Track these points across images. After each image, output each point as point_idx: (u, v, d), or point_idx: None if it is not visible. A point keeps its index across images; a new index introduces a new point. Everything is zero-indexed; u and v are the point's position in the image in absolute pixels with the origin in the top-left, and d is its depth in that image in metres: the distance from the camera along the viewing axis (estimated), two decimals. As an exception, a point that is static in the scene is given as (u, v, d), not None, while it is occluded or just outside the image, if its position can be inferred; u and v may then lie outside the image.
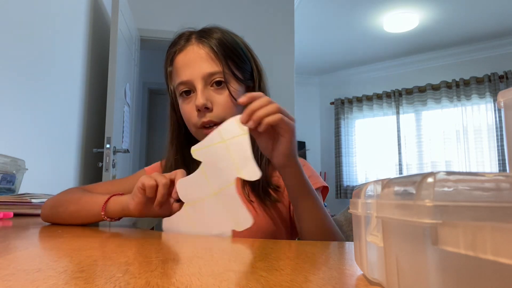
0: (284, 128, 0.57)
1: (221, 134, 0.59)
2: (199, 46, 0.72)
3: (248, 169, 0.57)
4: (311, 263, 0.36)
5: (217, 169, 0.58)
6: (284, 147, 0.58)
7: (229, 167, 0.58)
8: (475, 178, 0.17)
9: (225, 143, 0.58)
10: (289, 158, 0.60)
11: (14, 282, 0.25)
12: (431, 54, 4.50)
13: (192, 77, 0.70)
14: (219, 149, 0.58)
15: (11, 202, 0.96)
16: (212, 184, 0.59)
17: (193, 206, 0.60)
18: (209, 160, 0.59)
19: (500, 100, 0.32)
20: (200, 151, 0.60)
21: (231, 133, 0.58)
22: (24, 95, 1.47)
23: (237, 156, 0.58)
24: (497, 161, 4.03)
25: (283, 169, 0.61)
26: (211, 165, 0.59)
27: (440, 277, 0.16)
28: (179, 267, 0.32)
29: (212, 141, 0.59)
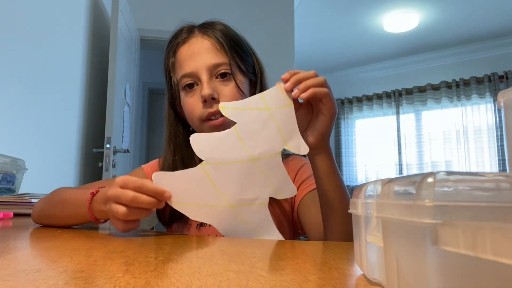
0: (328, 105, 0.55)
1: (265, 101, 0.56)
2: (204, 37, 0.71)
3: (296, 142, 0.56)
4: (311, 263, 0.36)
5: (258, 135, 0.55)
6: (323, 126, 0.56)
7: (274, 137, 0.55)
8: (475, 178, 0.17)
9: (269, 111, 0.56)
10: (324, 139, 0.57)
11: (14, 282, 0.25)
12: (431, 54, 4.50)
13: (197, 68, 0.68)
14: (262, 115, 0.55)
15: (11, 202, 0.96)
16: (250, 149, 0.55)
17: (214, 165, 0.55)
18: (247, 124, 0.55)
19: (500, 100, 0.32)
20: (234, 111, 0.56)
21: (276, 102, 0.56)
22: (24, 95, 1.47)
23: (283, 127, 0.56)
24: (497, 161, 4.03)
25: (315, 150, 0.58)
26: (249, 129, 0.55)
27: (440, 277, 0.16)
28: (179, 267, 0.31)
29: (252, 105, 0.56)
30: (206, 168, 0.55)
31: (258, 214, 0.57)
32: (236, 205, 0.56)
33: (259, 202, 0.57)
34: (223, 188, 0.56)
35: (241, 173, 0.56)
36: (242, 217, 0.57)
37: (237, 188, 0.56)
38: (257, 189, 0.56)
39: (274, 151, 0.56)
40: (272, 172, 0.56)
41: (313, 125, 0.57)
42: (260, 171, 0.56)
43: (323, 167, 0.59)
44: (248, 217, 0.57)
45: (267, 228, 0.58)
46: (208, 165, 0.55)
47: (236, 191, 0.56)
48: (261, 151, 0.55)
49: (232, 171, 0.55)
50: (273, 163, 0.56)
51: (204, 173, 0.55)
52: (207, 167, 0.55)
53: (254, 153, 0.55)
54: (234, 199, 0.56)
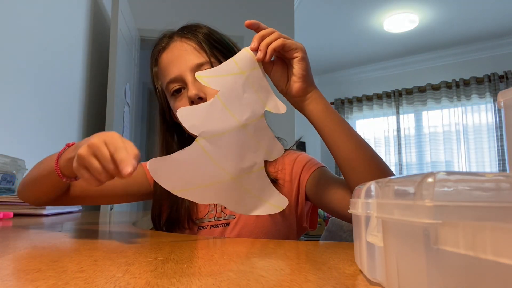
0: (293, 48, 0.55)
1: (238, 65, 0.55)
2: (182, 41, 0.71)
3: (273, 102, 0.57)
4: (311, 263, 0.36)
5: (240, 100, 0.55)
6: (299, 68, 0.56)
7: (255, 100, 0.56)
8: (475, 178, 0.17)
9: (244, 74, 0.55)
10: (307, 82, 0.57)
11: (14, 282, 0.25)
12: (431, 54, 4.50)
13: (180, 71, 0.68)
14: (239, 80, 0.55)
15: (11, 202, 0.96)
16: (237, 116, 0.54)
17: (208, 139, 0.53)
18: (228, 90, 0.54)
19: (500, 100, 0.32)
20: (212, 78, 0.54)
21: (248, 65, 0.56)
22: (24, 95, 1.47)
23: (259, 89, 0.56)
24: (497, 161, 4.03)
25: (304, 96, 0.58)
26: (231, 95, 0.54)
27: (440, 277, 0.16)
28: (179, 267, 0.31)
29: (228, 71, 0.55)
30: (201, 144, 0.53)
31: (258, 180, 0.57)
32: (237, 176, 0.55)
33: (257, 168, 0.57)
34: (222, 162, 0.54)
35: (235, 142, 0.55)
36: (245, 187, 0.57)
37: (235, 158, 0.55)
38: (252, 155, 0.56)
39: (258, 114, 0.56)
40: (261, 136, 0.56)
41: (291, 73, 0.58)
42: (251, 137, 0.55)
43: (318, 110, 0.58)
44: (250, 186, 0.57)
45: (269, 191, 0.58)
46: (203, 140, 0.53)
47: (234, 162, 0.55)
48: (247, 116, 0.55)
49: (226, 141, 0.54)
50: (260, 126, 0.56)
51: (201, 149, 0.53)
52: (202, 142, 0.53)
53: (242, 119, 0.55)
54: (234, 170, 0.55)
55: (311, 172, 0.72)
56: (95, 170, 0.46)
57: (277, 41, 0.55)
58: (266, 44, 0.55)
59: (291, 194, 0.73)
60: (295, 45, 0.56)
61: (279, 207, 0.59)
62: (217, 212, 0.74)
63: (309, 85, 0.58)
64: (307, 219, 0.76)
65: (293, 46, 0.56)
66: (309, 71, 0.58)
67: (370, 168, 0.58)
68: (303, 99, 0.59)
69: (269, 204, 0.58)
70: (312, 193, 0.71)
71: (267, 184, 0.58)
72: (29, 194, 0.68)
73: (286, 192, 0.73)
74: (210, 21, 0.79)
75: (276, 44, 0.55)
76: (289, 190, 0.73)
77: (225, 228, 0.72)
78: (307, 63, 0.57)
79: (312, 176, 0.72)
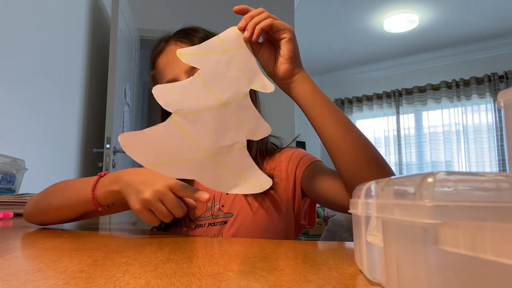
0: (281, 29, 0.55)
1: (223, 43, 0.55)
2: (177, 44, 0.73)
3: (260, 81, 0.56)
4: (311, 263, 0.36)
5: (223, 78, 0.54)
6: (287, 49, 0.56)
7: (240, 78, 0.55)
8: (475, 178, 0.17)
9: (229, 53, 0.55)
10: (295, 63, 0.57)
11: (14, 282, 0.25)
12: (431, 54, 4.50)
13: (175, 73, 0.69)
14: (223, 58, 0.54)
15: (11, 202, 0.96)
16: (218, 94, 0.53)
17: (184, 117, 0.52)
18: (210, 68, 0.54)
19: (500, 100, 0.31)
20: (194, 56, 0.53)
21: (233, 44, 0.55)
22: (24, 95, 1.47)
23: (245, 68, 0.55)
24: (497, 161, 4.03)
25: (292, 78, 0.58)
26: (213, 74, 0.54)
27: (440, 277, 0.16)
28: (179, 267, 0.31)
29: (212, 49, 0.54)
30: (176, 121, 0.52)
31: (239, 158, 0.56)
32: (215, 153, 0.55)
33: (238, 146, 0.56)
34: (199, 139, 0.53)
35: (214, 120, 0.54)
36: (224, 164, 0.56)
37: (213, 136, 0.54)
38: (233, 133, 0.55)
39: (242, 93, 0.55)
40: (244, 114, 0.55)
41: (279, 54, 0.57)
42: (233, 115, 0.55)
43: (306, 92, 0.58)
44: (230, 163, 0.56)
45: (250, 170, 0.58)
46: (178, 117, 0.52)
47: (212, 140, 0.54)
48: (230, 95, 0.54)
49: (204, 119, 0.53)
50: (243, 105, 0.55)
51: (176, 127, 0.52)
52: (178, 120, 0.52)
53: (223, 97, 0.54)
54: (212, 148, 0.54)
55: (306, 166, 0.72)
56: (162, 213, 0.54)
57: (265, 20, 0.55)
58: (254, 23, 0.55)
59: (287, 191, 0.73)
60: (284, 25, 0.56)
61: (260, 187, 0.58)
62: (215, 210, 0.74)
63: (296, 66, 0.58)
64: (305, 216, 0.77)
65: (281, 27, 0.55)
66: (297, 52, 0.58)
67: (358, 151, 0.57)
68: (290, 81, 0.59)
69: (249, 183, 0.58)
70: (307, 186, 0.72)
71: (249, 163, 0.57)
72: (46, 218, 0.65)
73: (282, 189, 0.73)
74: (209, 21, 0.80)
75: (264, 24, 0.55)
76: (286, 187, 0.74)
77: (222, 226, 0.73)
78: (295, 44, 0.57)
79: (307, 170, 0.72)
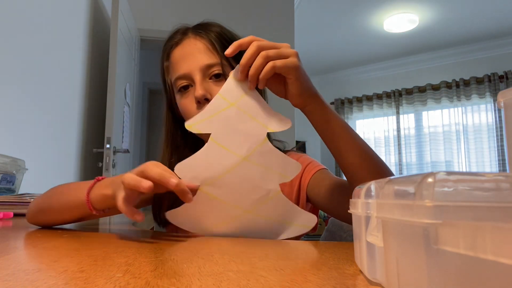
0: (284, 71, 0.53)
1: (226, 99, 0.54)
2: (196, 38, 0.71)
3: (276, 120, 0.55)
4: (311, 263, 0.36)
5: (237, 134, 0.54)
6: (294, 88, 0.54)
7: (253, 126, 0.54)
8: (475, 178, 0.17)
9: (234, 105, 0.54)
10: (304, 97, 0.56)
11: (14, 282, 0.25)
12: (431, 54, 4.50)
13: (190, 69, 0.68)
14: (231, 112, 0.54)
15: (11, 202, 0.96)
16: (236, 151, 0.54)
17: (212, 184, 0.54)
18: (222, 128, 0.54)
19: (500, 100, 0.31)
20: (204, 122, 0.54)
21: (236, 94, 0.54)
22: (24, 95, 1.47)
23: (255, 113, 0.54)
24: (497, 161, 4.03)
25: (304, 108, 0.58)
26: (226, 133, 0.54)
27: (440, 277, 0.16)
28: (179, 267, 0.31)
29: (217, 108, 0.54)
30: (205, 190, 0.54)
31: (277, 206, 0.56)
32: (252, 208, 0.56)
33: (273, 194, 0.56)
34: (233, 200, 0.55)
35: (241, 177, 0.54)
36: (263, 215, 0.56)
37: (245, 192, 0.55)
38: (262, 183, 0.55)
39: (260, 140, 0.54)
40: (268, 160, 0.55)
41: (288, 89, 0.56)
42: (257, 166, 0.54)
43: (319, 121, 0.58)
44: (269, 212, 0.56)
45: (293, 213, 0.57)
46: (206, 186, 0.54)
47: (245, 196, 0.55)
48: (248, 147, 0.54)
49: (231, 180, 0.54)
50: (264, 151, 0.54)
51: (206, 196, 0.54)
52: (206, 189, 0.54)
53: (242, 152, 0.54)
54: (246, 203, 0.55)
55: (313, 174, 0.72)
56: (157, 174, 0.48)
57: (266, 68, 0.52)
58: (255, 74, 0.52)
59: (291, 197, 0.73)
60: (286, 66, 0.52)
61: (307, 226, 0.58)
62: None
63: (307, 97, 0.56)
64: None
65: (284, 69, 0.52)
66: (305, 86, 0.55)
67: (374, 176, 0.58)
68: (303, 110, 0.58)
69: (296, 225, 0.58)
70: (313, 194, 0.71)
71: (289, 206, 0.57)
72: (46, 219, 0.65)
73: (286, 193, 0.72)
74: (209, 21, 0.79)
75: (266, 74, 0.52)
76: (289, 192, 0.73)
77: None
78: (302, 81, 0.54)
79: (313, 178, 0.71)
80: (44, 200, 0.65)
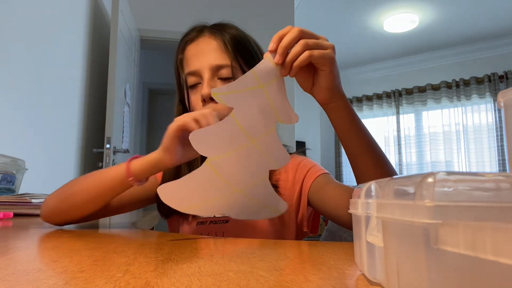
0: (321, 62, 0.52)
1: (257, 78, 0.53)
2: (211, 37, 0.72)
3: (287, 113, 0.56)
4: (311, 263, 0.36)
5: (256, 116, 0.54)
6: (325, 81, 0.53)
7: (269, 112, 0.54)
8: (475, 178, 0.17)
9: (262, 88, 0.53)
10: (333, 92, 0.55)
11: (14, 282, 0.25)
12: (431, 54, 4.50)
13: (201, 67, 0.70)
14: (256, 94, 0.53)
15: (11, 202, 0.96)
16: (248, 132, 0.54)
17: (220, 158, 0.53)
18: (245, 106, 0.53)
19: (500, 100, 0.31)
20: (231, 95, 0.52)
21: (268, 76, 0.53)
22: (24, 95, 1.47)
23: (275, 101, 0.55)
24: (497, 161, 4.03)
25: (329, 104, 0.57)
26: (247, 112, 0.53)
27: (440, 277, 0.16)
28: (179, 267, 0.31)
29: (246, 85, 0.53)
30: (211, 164, 0.53)
31: (264, 188, 0.58)
32: (243, 188, 0.57)
33: (263, 178, 0.57)
34: (231, 179, 0.55)
35: (243, 157, 0.55)
36: (249, 196, 0.58)
37: (242, 173, 0.55)
38: (258, 168, 0.56)
39: (269, 128, 0.55)
40: (270, 149, 0.56)
41: (317, 81, 0.55)
42: (260, 151, 0.55)
43: (340, 121, 0.58)
44: (254, 194, 0.58)
45: (271, 197, 0.60)
46: (214, 159, 0.53)
47: (241, 177, 0.56)
48: (258, 131, 0.54)
49: (235, 158, 0.54)
50: (270, 140, 0.56)
51: (211, 171, 0.54)
52: (213, 162, 0.53)
53: (255, 136, 0.54)
54: (243, 184, 0.56)
55: (315, 178, 0.72)
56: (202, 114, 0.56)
57: (303, 56, 0.51)
58: (291, 60, 0.52)
59: (291, 199, 0.73)
60: (323, 57, 0.51)
61: (278, 211, 0.61)
62: None
63: (334, 94, 0.56)
64: (309, 224, 0.77)
65: (321, 60, 0.51)
66: (336, 81, 0.55)
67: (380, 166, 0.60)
68: (326, 106, 0.58)
69: (269, 208, 0.60)
70: (315, 198, 0.72)
71: (270, 190, 0.59)
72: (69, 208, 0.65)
73: (287, 196, 0.73)
74: (209, 20, 0.79)
75: (301, 62, 0.51)
76: (290, 194, 0.74)
77: (223, 225, 0.73)
78: (335, 74, 0.54)
79: (315, 182, 0.72)
80: (65, 189, 0.67)
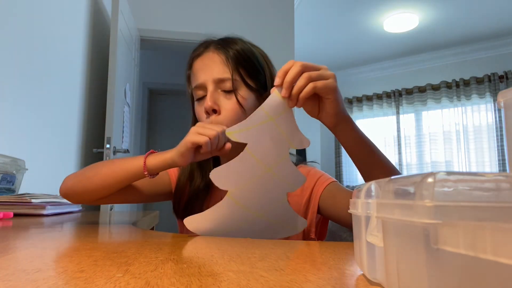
0: (324, 91, 0.57)
1: (267, 112, 0.57)
2: (215, 52, 0.76)
3: (298, 139, 0.60)
4: (311, 263, 0.36)
5: (269, 146, 0.58)
6: (330, 108, 0.59)
7: (282, 143, 0.59)
8: (475, 178, 0.17)
9: (273, 121, 0.58)
10: (338, 117, 0.60)
11: (14, 282, 0.25)
12: (431, 54, 4.50)
13: (205, 80, 0.74)
14: (268, 127, 0.57)
15: (11, 202, 0.96)
16: (264, 162, 0.58)
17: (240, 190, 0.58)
18: (258, 139, 0.57)
19: (500, 100, 0.31)
20: (243, 132, 0.57)
21: (277, 110, 0.58)
22: (24, 95, 1.47)
23: (286, 131, 0.59)
24: (497, 161, 4.03)
25: (335, 128, 0.62)
26: (261, 144, 0.57)
27: (440, 277, 0.16)
28: (179, 267, 0.32)
29: (257, 121, 0.57)
30: (232, 197, 0.57)
31: (282, 210, 0.62)
32: (264, 213, 0.61)
33: (281, 201, 0.61)
34: (251, 207, 0.59)
35: (261, 185, 0.58)
36: (270, 219, 0.62)
37: (261, 199, 0.59)
38: (277, 193, 0.60)
39: (283, 155, 0.59)
40: (285, 173, 0.60)
41: (323, 108, 0.60)
42: (277, 177, 0.59)
43: (348, 138, 0.63)
44: (275, 215, 0.62)
45: (290, 216, 0.63)
46: (233, 192, 0.57)
47: (261, 203, 0.59)
48: (274, 159, 0.58)
49: (253, 187, 0.58)
50: (284, 165, 0.59)
51: (232, 202, 0.58)
52: (233, 195, 0.57)
53: (268, 163, 0.58)
54: (262, 210, 0.60)
55: (325, 186, 0.75)
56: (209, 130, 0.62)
57: (307, 88, 0.56)
58: (297, 93, 0.56)
59: (299, 206, 0.76)
60: (326, 87, 0.56)
61: (298, 229, 0.65)
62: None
63: (340, 118, 0.60)
64: (316, 230, 0.79)
65: (324, 90, 0.56)
66: (340, 107, 0.59)
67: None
68: (333, 130, 0.62)
69: (289, 227, 0.64)
70: (326, 206, 0.74)
71: (290, 211, 0.63)
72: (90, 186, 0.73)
73: (293, 203, 0.75)
74: (209, 21, 0.80)
75: (306, 93, 0.56)
76: (299, 201, 0.76)
77: None
78: (339, 101, 0.59)
79: (326, 189, 0.74)
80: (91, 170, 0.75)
